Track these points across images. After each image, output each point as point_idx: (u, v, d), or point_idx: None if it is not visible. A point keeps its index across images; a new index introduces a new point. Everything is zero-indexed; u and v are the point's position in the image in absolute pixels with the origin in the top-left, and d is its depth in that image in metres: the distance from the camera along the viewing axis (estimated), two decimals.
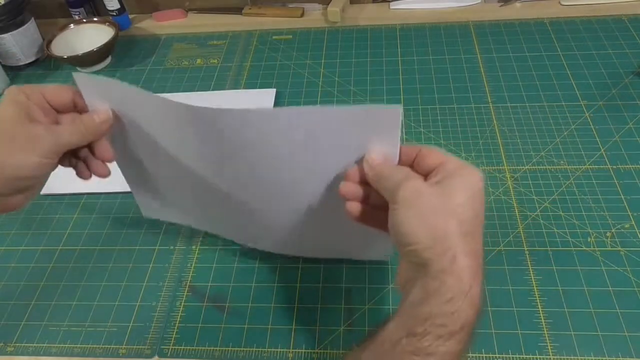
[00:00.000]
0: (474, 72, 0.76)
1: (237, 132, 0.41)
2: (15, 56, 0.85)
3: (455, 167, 0.36)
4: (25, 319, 0.54)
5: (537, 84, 0.73)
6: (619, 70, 0.74)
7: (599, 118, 0.67)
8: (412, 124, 0.69)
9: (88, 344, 0.51)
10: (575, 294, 0.50)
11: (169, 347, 0.50)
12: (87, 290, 0.55)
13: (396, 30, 0.86)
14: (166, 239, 0.59)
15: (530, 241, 0.55)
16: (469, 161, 0.63)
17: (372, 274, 0.53)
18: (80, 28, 0.87)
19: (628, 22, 0.82)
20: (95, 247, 0.59)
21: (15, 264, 0.59)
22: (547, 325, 0.48)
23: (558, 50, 0.79)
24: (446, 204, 0.33)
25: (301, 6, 0.90)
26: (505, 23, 0.85)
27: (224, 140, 0.42)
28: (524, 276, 0.52)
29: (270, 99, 0.75)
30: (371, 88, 0.76)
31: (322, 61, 0.82)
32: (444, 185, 0.35)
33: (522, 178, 0.61)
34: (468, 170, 0.35)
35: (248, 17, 0.92)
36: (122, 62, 0.87)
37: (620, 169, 0.61)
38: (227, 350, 0.49)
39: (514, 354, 0.47)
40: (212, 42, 0.89)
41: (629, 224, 0.55)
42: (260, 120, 0.40)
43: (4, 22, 0.81)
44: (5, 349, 0.51)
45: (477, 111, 0.70)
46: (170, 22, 0.92)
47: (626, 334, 0.47)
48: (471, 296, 0.32)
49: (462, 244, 0.32)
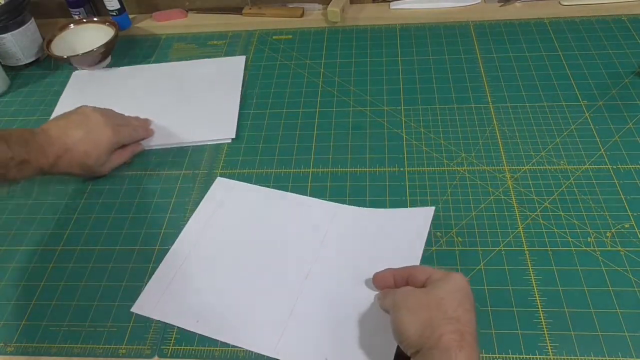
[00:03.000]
0: (474, 72, 0.76)
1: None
2: (15, 56, 0.85)
3: (440, 275, 0.44)
4: (25, 319, 0.54)
5: (537, 84, 0.73)
6: (619, 70, 0.74)
7: (599, 118, 0.67)
8: (412, 124, 0.69)
9: (88, 344, 0.51)
10: (575, 294, 0.50)
11: (169, 347, 0.50)
12: (87, 290, 0.55)
13: (396, 30, 0.86)
14: (166, 239, 0.59)
15: (530, 241, 0.55)
16: (469, 161, 0.63)
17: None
18: (80, 28, 0.87)
19: (628, 22, 0.82)
20: (95, 247, 0.59)
21: (15, 264, 0.59)
22: (547, 325, 0.48)
23: (558, 50, 0.79)
24: (431, 299, 0.42)
25: (301, 6, 0.90)
26: (505, 23, 0.85)
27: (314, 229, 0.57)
28: (524, 276, 0.52)
29: (240, 67, 0.82)
30: (371, 88, 0.76)
31: (322, 61, 0.82)
32: (430, 287, 0.44)
33: (522, 178, 0.61)
34: (452, 275, 0.44)
35: (248, 17, 0.92)
36: (122, 62, 0.87)
37: (620, 169, 0.61)
38: (227, 350, 0.49)
39: (514, 354, 0.47)
40: (212, 42, 0.89)
41: (629, 224, 0.55)
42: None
43: (4, 22, 0.81)
44: (5, 349, 0.51)
45: (477, 111, 0.70)
46: (170, 22, 0.92)
47: (626, 334, 0.47)
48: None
49: (448, 325, 0.39)
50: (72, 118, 0.63)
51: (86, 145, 0.61)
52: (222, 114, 0.74)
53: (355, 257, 0.54)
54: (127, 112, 0.71)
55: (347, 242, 0.56)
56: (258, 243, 0.57)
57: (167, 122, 0.73)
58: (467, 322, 0.40)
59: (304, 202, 0.60)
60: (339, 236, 0.56)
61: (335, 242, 0.56)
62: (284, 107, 0.74)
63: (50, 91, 0.82)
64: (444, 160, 0.64)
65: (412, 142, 0.67)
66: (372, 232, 0.56)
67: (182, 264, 0.56)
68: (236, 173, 0.66)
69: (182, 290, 0.54)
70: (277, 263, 0.55)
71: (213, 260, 0.56)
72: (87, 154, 0.62)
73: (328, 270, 0.53)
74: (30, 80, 0.85)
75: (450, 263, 0.54)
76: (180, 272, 0.55)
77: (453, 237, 0.56)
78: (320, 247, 0.55)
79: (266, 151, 0.68)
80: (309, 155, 0.67)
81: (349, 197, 0.61)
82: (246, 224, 0.59)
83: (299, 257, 0.55)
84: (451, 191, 0.60)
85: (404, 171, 0.63)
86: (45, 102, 0.80)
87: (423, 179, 0.62)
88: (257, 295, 0.52)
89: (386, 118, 0.70)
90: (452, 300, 0.41)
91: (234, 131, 0.71)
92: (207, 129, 0.72)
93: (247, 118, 0.73)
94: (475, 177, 0.62)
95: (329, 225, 0.57)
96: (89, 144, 0.62)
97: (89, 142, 0.62)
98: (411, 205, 0.59)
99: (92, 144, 0.62)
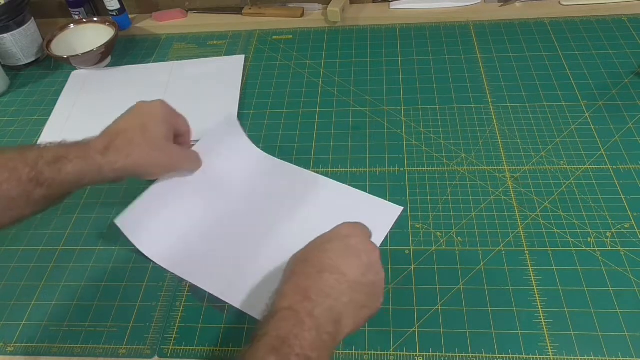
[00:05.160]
0: (474, 72, 0.76)
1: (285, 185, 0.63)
2: (15, 56, 0.85)
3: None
4: (25, 319, 0.54)
5: (537, 84, 0.73)
6: (619, 70, 0.74)
7: (599, 118, 0.67)
8: (412, 124, 0.69)
9: (88, 344, 0.51)
10: (575, 294, 0.50)
11: (169, 347, 0.50)
12: (87, 290, 0.55)
13: (396, 30, 0.86)
14: None
15: (530, 241, 0.55)
16: (469, 161, 0.63)
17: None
18: (80, 28, 0.87)
19: (628, 22, 0.82)
20: (95, 247, 0.59)
21: (15, 264, 0.59)
22: (547, 325, 0.48)
23: (558, 50, 0.79)
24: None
25: (301, 6, 0.90)
26: (505, 23, 0.85)
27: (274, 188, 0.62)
28: (524, 276, 0.52)
29: (239, 66, 0.82)
30: (371, 88, 0.76)
31: (322, 61, 0.82)
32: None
33: (522, 178, 0.61)
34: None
35: (248, 17, 0.92)
36: (122, 62, 0.87)
37: (620, 169, 0.61)
38: (227, 350, 0.49)
39: (514, 354, 0.47)
40: (212, 42, 0.89)
41: (629, 224, 0.55)
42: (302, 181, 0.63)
43: (4, 22, 0.81)
44: (5, 349, 0.51)
45: (477, 111, 0.70)
46: (170, 22, 0.92)
47: (626, 334, 0.47)
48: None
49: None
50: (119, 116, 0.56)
51: (141, 119, 0.54)
52: (221, 113, 0.73)
53: (320, 225, 0.53)
54: None
55: (315, 209, 0.59)
56: (237, 195, 0.61)
57: None
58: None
59: (292, 171, 0.64)
60: (308, 203, 0.60)
61: (304, 207, 0.60)
62: (284, 107, 0.74)
63: (50, 91, 0.82)
64: (444, 160, 0.64)
65: (412, 142, 0.67)
66: (342, 206, 0.60)
67: (172, 197, 0.58)
68: None
69: (164, 223, 0.57)
70: (249, 216, 0.59)
71: (198, 202, 0.59)
72: (144, 126, 0.53)
73: (290, 231, 0.57)
74: (30, 80, 0.85)
75: (450, 263, 0.54)
76: (169, 204, 0.58)
77: (453, 237, 0.56)
78: (290, 209, 0.60)
79: (266, 151, 0.67)
80: (309, 155, 0.66)
81: None
82: (233, 174, 0.63)
83: (270, 214, 0.59)
84: (451, 191, 0.60)
85: (404, 171, 0.63)
86: (45, 102, 0.80)
87: (423, 179, 0.62)
88: (228, 244, 0.57)
89: (386, 118, 0.70)
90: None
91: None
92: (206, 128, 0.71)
93: (247, 118, 0.73)
94: (475, 177, 0.62)
95: (304, 191, 0.62)
96: (143, 117, 0.54)
97: (143, 115, 0.54)
98: (411, 205, 0.59)
99: (147, 116, 0.54)
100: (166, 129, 0.55)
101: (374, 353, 0.48)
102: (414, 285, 0.52)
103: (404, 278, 0.53)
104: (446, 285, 0.52)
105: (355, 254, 0.42)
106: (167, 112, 0.56)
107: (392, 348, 0.48)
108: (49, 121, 0.76)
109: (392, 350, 0.48)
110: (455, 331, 0.49)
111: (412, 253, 0.55)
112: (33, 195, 0.46)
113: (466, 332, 0.48)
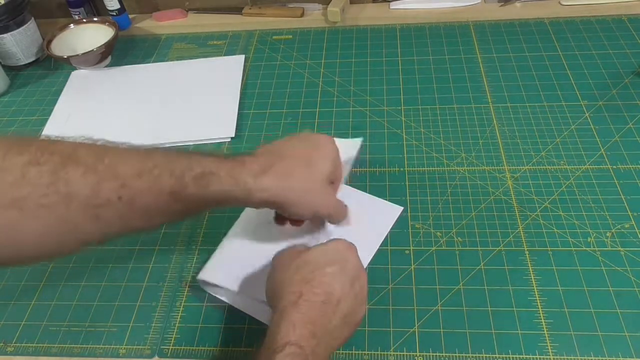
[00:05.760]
0: (474, 72, 0.76)
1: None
2: (15, 56, 0.85)
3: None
4: (25, 319, 0.54)
5: (537, 84, 0.73)
6: (619, 70, 0.74)
7: (599, 118, 0.67)
8: (412, 124, 0.69)
9: (88, 344, 0.51)
10: (575, 294, 0.50)
11: (169, 347, 0.50)
12: (87, 290, 0.55)
13: (396, 30, 0.86)
14: (166, 239, 0.59)
15: (530, 241, 0.55)
16: (469, 161, 0.63)
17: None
18: (80, 28, 0.87)
19: (628, 22, 0.82)
20: (95, 247, 0.59)
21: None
22: (547, 325, 0.48)
23: (558, 50, 0.79)
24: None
25: (301, 6, 0.90)
26: (505, 23, 0.85)
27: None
28: (524, 276, 0.52)
29: (239, 66, 0.82)
30: (371, 88, 0.76)
31: (322, 61, 0.82)
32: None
33: (522, 178, 0.61)
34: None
35: (248, 17, 0.92)
36: (122, 62, 0.87)
37: (620, 169, 0.61)
38: (227, 350, 0.49)
39: (514, 354, 0.47)
40: (212, 42, 0.89)
41: (629, 224, 0.55)
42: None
43: (4, 22, 0.81)
44: (5, 349, 0.51)
45: (477, 111, 0.70)
46: (170, 22, 0.92)
47: (626, 334, 0.47)
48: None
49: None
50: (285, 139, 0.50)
51: (308, 150, 0.48)
52: (221, 113, 0.74)
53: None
54: (127, 112, 0.71)
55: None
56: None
57: (167, 122, 0.73)
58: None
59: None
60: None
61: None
62: (284, 107, 0.74)
63: (50, 91, 0.82)
64: (444, 160, 0.64)
65: (412, 142, 0.67)
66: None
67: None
68: None
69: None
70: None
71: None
72: (311, 160, 0.47)
73: (292, 231, 0.54)
74: (30, 80, 0.85)
75: (450, 263, 0.54)
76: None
77: (453, 237, 0.56)
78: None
79: None
80: None
81: None
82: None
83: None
84: (451, 191, 0.60)
85: (404, 171, 0.63)
86: (45, 102, 0.80)
87: (423, 179, 0.62)
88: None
89: (386, 118, 0.70)
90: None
91: (233, 130, 0.71)
92: (206, 128, 0.72)
93: (247, 118, 0.73)
94: (475, 177, 0.62)
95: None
96: (311, 149, 0.48)
97: (311, 147, 0.48)
98: (411, 205, 0.59)
99: (316, 149, 0.48)
100: (331, 169, 0.48)
101: (374, 353, 0.48)
102: (414, 285, 0.52)
103: (404, 278, 0.53)
104: (446, 285, 0.52)
105: (350, 281, 0.42)
106: (336, 151, 0.50)
107: (392, 348, 0.48)
108: (49, 121, 0.76)
109: (392, 350, 0.48)
110: (455, 331, 0.49)
111: (412, 253, 0.55)
112: (169, 209, 0.41)
113: (466, 332, 0.48)
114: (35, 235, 0.36)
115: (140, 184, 0.39)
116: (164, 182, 0.39)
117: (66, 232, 0.37)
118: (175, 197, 0.40)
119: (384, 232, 0.57)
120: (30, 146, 0.36)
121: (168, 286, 0.55)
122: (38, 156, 0.36)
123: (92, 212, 0.37)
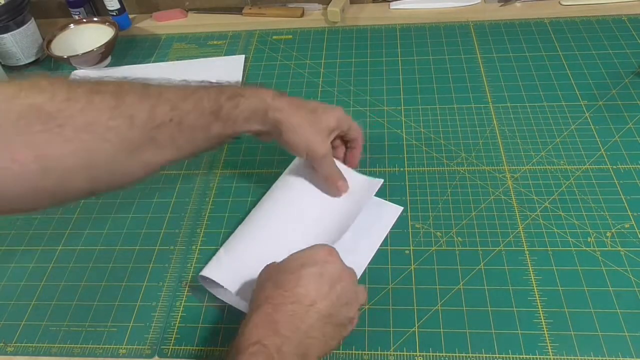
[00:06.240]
0: (474, 72, 0.76)
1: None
2: (15, 56, 0.85)
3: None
4: (25, 319, 0.54)
5: (537, 84, 0.73)
6: (619, 70, 0.74)
7: (599, 118, 0.67)
8: (412, 124, 0.69)
9: (88, 344, 0.51)
10: (575, 294, 0.50)
11: (169, 347, 0.50)
12: (87, 290, 0.55)
13: (396, 30, 0.86)
14: (166, 239, 0.59)
15: (530, 241, 0.55)
16: (469, 161, 0.63)
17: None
18: (80, 28, 0.87)
19: (628, 22, 0.82)
20: (95, 247, 0.59)
21: (16, 264, 0.59)
22: (547, 325, 0.48)
23: (558, 50, 0.79)
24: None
25: (301, 6, 0.90)
26: (505, 23, 0.85)
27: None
28: (524, 276, 0.52)
29: (239, 66, 0.82)
30: (371, 88, 0.76)
31: (322, 61, 0.82)
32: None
33: (522, 178, 0.61)
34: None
35: (248, 17, 0.92)
36: (122, 62, 0.87)
37: (620, 169, 0.61)
38: (227, 351, 0.49)
39: (514, 354, 0.47)
40: (212, 42, 0.89)
41: (629, 224, 0.55)
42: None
43: (4, 22, 0.81)
44: (5, 349, 0.51)
45: (477, 111, 0.70)
46: (170, 22, 0.92)
47: (626, 334, 0.47)
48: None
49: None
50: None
51: (315, 105, 0.54)
52: None
53: (320, 225, 0.55)
54: None
55: (315, 209, 0.57)
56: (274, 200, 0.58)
57: None
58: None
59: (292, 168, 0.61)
60: (310, 203, 0.58)
61: (306, 207, 0.57)
62: None
63: None
64: (444, 160, 0.64)
65: (412, 142, 0.67)
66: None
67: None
68: (236, 173, 0.66)
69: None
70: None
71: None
72: (316, 110, 0.53)
73: (294, 230, 0.55)
74: None
75: (450, 263, 0.54)
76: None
77: (453, 237, 0.56)
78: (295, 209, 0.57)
79: (266, 151, 0.68)
80: None
81: None
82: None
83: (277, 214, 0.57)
84: (451, 191, 0.60)
85: (404, 171, 0.63)
86: None
87: (423, 179, 0.62)
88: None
89: (386, 118, 0.70)
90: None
91: None
92: None
93: None
94: (475, 177, 0.62)
95: (305, 191, 0.59)
96: (318, 105, 0.55)
97: (318, 105, 0.55)
98: (411, 205, 0.59)
99: (322, 107, 0.55)
100: (334, 125, 0.54)
101: (374, 353, 0.48)
102: (414, 285, 0.52)
103: (404, 278, 0.53)
104: (446, 285, 0.52)
105: (330, 282, 0.42)
106: (342, 114, 0.56)
107: (392, 348, 0.48)
108: None
109: (392, 350, 0.48)
110: (455, 331, 0.49)
111: (412, 253, 0.55)
112: (211, 129, 0.47)
113: (466, 332, 0.48)
114: (107, 156, 0.40)
115: (186, 106, 0.45)
116: (205, 103, 0.47)
117: (130, 155, 0.41)
118: (215, 116, 0.47)
119: (384, 232, 0.57)
120: (83, 82, 0.41)
121: (168, 286, 0.55)
122: (96, 87, 0.41)
123: (149, 135, 0.42)
